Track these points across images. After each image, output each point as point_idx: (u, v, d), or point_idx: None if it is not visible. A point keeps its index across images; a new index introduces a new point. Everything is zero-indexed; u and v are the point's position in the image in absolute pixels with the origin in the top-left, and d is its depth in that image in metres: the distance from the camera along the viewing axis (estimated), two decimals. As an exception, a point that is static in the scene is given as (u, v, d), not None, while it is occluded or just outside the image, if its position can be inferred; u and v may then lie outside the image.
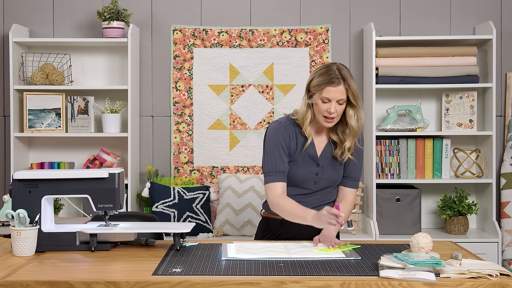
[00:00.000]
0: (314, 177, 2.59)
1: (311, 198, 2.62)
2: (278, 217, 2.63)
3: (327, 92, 2.45)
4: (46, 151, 4.19)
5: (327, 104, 2.47)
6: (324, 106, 2.47)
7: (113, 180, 2.33)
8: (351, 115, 2.51)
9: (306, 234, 2.55)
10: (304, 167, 2.58)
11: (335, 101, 2.46)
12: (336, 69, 2.48)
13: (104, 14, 3.92)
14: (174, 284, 1.88)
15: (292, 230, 2.60)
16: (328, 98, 2.46)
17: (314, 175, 2.58)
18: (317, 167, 2.59)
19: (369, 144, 3.98)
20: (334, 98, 2.46)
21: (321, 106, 2.48)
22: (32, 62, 4.04)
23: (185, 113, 4.19)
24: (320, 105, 2.48)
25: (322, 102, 2.47)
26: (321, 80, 2.47)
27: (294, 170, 2.57)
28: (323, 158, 2.60)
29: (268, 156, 2.57)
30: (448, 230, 3.97)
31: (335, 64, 2.51)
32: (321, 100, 2.47)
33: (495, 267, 1.97)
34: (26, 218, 2.25)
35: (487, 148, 4.00)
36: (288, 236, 2.61)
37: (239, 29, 4.17)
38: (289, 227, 2.61)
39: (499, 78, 4.13)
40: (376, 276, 1.93)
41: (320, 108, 2.49)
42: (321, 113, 2.49)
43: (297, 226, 2.56)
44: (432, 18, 4.18)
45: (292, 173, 2.57)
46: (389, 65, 3.94)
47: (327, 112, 2.47)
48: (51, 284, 1.89)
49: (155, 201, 3.91)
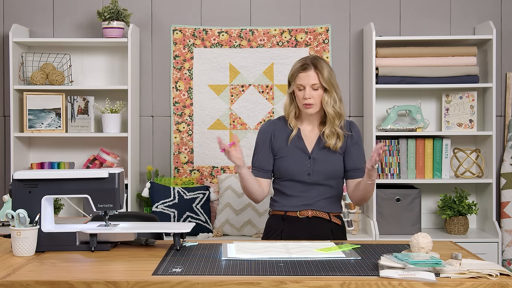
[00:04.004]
0: (307, 169, 2.66)
1: (312, 193, 2.68)
2: (280, 212, 2.71)
3: (299, 79, 2.63)
4: (46, 151, 4.19)
5: (302, 91, 2.63)
6: (300, 93, 2.64)
7: (113, 180, 2.33)
8: (326, 101, 2.64)
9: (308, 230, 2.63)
10: (295, 160, 2.67)
11: (309, 87, 2.61)
12: (309, 58, 2.66)
13: (104, 14, 3.92)
14: (174, 284, 1.88)
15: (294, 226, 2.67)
16: (301, 84, 2.63)
17: (306, 167, 2.66)
18: (309, 159, 2.67)
19: (369, 144, 3.98)
20: (307, 84, 2.61)
21: (298, 94, 2.65)
22: (32, 62, 4.04)
23: (185, 113, 4.19)
24: (297, 93, 2.65)
25: (299, 90, 2.64)
26: (294, 69, 2.66)
27: (285, 164, 2.69)
28: (315, 151, 2.68)
29: (254, 152, 2.78)
30: (448, 230, 3.97)
31: (311, 55, 2.72)
32: (297, 88, 2.65)
33: (495, 267, 1.97)
34: (26, 218, 2.25)
35: (487, 148, 4.00)
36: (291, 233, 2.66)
37: (239, 29, 4.17)
38: (291, 222, 2.68)
39: (499, 78, 4.13)
40: (376, 276, 1.93)
41: (298, 96, 2.66)
42: (300, 101, 2.65)
43: (298, 221, 2.67)
44: (432, 18, 4.18)
45: (283, 167, 2.69)
46: (389, 65, 3.94)
47: (304, 99, 2.62)
48: (51, 284, 1.89)
49: (155, 201, 3.91)
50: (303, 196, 2.67)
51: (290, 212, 2.69)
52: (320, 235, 2.63)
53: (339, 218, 2.75)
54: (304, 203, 2.68)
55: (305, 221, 2.68)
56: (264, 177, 2.74)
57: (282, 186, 2.72)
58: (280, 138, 2.71)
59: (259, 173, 2.74)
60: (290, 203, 2.69)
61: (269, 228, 2.77)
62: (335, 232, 2.71)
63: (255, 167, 2.75)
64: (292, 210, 2.69)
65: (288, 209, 2.70)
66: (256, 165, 2.75)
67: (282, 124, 2.74)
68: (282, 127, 2.74)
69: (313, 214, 2.68)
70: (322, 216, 2.69)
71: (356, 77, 4.19)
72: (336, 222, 2.73)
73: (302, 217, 2.68)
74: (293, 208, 2.69)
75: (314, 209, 2.68)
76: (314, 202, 2.68)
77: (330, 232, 2.69)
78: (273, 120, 2.79)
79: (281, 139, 2.71)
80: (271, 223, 2.76)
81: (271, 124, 2.76)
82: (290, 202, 2.69)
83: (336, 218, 2.74)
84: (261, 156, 2.73)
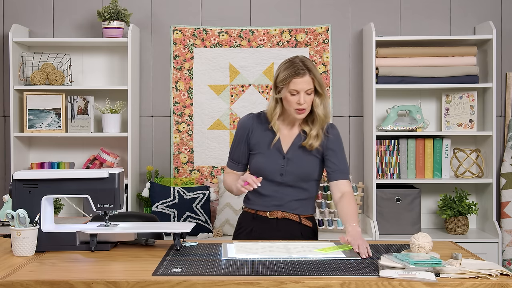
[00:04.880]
0: (280, 169, 2.64)
1: (284, 193, 2.66)
2: (251, 210, 2.71)
3: (294, 84, 2.54)
4: (46, 151, 4.19)
5: (296, 96, 2.55)
6: (293, 98, 2.56)
7: (113, 180, 2.33)
8: (317, 104, 2.60)
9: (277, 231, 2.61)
10: (270, 159, 2.65)
11: (303, 92, 2.55)
12: (299, 61, 2.57)
13: (104, 14, 3.92)
14: (174, 284, 1.88)
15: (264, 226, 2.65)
16: (296, 90, 2.54)
17: (279, 166, 2.64)
18: (283, 159, 2.64)
19: (369, 144, 3.98)
20: (302, 89, 2.54)
21: (291, 99, 2.56)
22: (32, 62, 4.04)
23: (185, 113, 4.19)
24: (290, 98, 2.56)
25: (291, 94, 2.56)
26: (287, 73, 2.55)
27: (260, 162, 2.66)
28: (291, 151, 2.65)
29: (232, 143, 2.76)
30: (448, 230, 3.97)
31: (297, 57, 2.61)
32: (289, 93, 2.56)
33: (495, 267, 1.97)
34: (26, 218, 2.25)
35: (487, 148, 4.00)
36: (260, 233, 2.64)
37: (239, 29, 4.17)
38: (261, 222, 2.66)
39: (499, 78, 4.13)
40: (376, 276, 1.93)
41: (290, 101, 2.57)
42: (292, 106, 2.57)
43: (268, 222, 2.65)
44: (432, 18, 4.18)
45: (258, 164, 2.66)
46: (389, 65, 3.94)
47: (297, 104, 2.55)
48: (51, 284, 1.89)
49: (155, 201, 3.91)
50: (274, 196, 2.65)
51: (261, 211, 2.68)
52: (289, 237, 2.61)
53: (310, 220, 2.72)
54: (275, 204, 2.66)
55: (274, 222, 2.66)
56: (239, 170, 2.74)
57: None
58: (256, 134, 2.67)
59: (235, 166, 2.74)
60: (262, 202, 2.66)
61: (240, 225, 2.76)
62: (305, 234, 2.68)
63: (232, 160, 2.75)
64: (262, 210, 2.67)
65: (259, 208, 2.68)
66: (233, 158, 2.75)
67: (262, 121, 2.69)
68: (261, 123, 2.69)
69: (283, 215, 2.65)
70: (292, 218, 2.66)
71: (356, 77, 4.19)
72: (307, 224, 2.70)
73: (272, 218, 2.66)
74: (264, 208, 2.67)
75: (285, 210, 2.66)
76: (285, 203, 2.65)
77: (300, 234, 2.67)
78: (254, 115, 2.73)
79: (257, 135, 2.67)
80: (242, 221, 2.76)
81: (251, 118, 2.71)
82: (262, 201, 2.66)
83: (307, 220, 2.70)
84: (237, 149, 2.72)
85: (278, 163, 2.64)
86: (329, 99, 2.68)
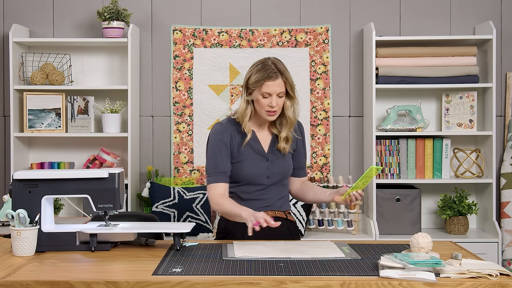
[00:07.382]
0: (266, 172, 2.65)
1: (269, 194, 2.67)
2: None
3: (266, 87, 2.54)
4: (46, 151, 4.19)
5: (268, 99, 2.56)
6: (265, 101, 2.56)
7: (113, 180, 2.33)
8: (288, 106, 2.62)
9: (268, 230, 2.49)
10: (254, 164, 2.63)
11: (275, 95, 2.55)
12: (272, 64, 2.57)
13: (104, 14, 3.92)
14: (174, 284, 1.88)
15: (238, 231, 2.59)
16: (268, 92, 2.55)
17: (265, 169, 2.65)
18: (266, 161, 2.65)
19: (369, 144, 3.98)
20: (274, 92, 2.55)
21: (263, 101, 2.57)
22: (32, 62, 4.04)
23: (185, 113, 4.19)
24: (261, 101, 2.57)
25: (263, 97, 2.56)
26: (259, 76, 2.55)
27: (244, 168, 2.63)
28: (270, 153, 2.67)
29: (209, 158, 2.63)
30: (448, 230, 3.97)
31: (269, 59, 2.61)
32: (261, 96, 2.56)
33: (495, 267, 1.97)
34: (26, 218, 2.25)
35: (487, 148, 4.00)
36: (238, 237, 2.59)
37: (239, 29, 4.17)
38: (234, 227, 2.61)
39: (499, 78, 4.13)
40: (376, 276, 1.93)
41: (261, 104, 2.57)
42: (263, 108, 2.58)
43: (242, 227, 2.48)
44: (432, 18, 4.18)
45: (243, 171, 2.63)
46: (389, 65, 3.94)
47: (269, 107, 2.56)
48: (51, 284, 1.89)
49: (155, 201, 3.91)
50: (260, 198, 2.64)
51: None
52: (279, 234, 2.59)
53: (292, 215, 2.79)
54: (263, 205, 2.65)
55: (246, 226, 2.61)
56: (225, 181, 2.62)
57: (239, 190, 2.66)
58: (235, 142, 2.63)
59: (224, 178, 2.60)
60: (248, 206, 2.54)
61: (225, 232, 2.68)
62: (291, 229, 2.72)
63: (219, 173, 2.60)
64: None
65: None
66: (220, 171, 2.60)
67: (236, 127, 2.65)
68: (236, 130, 2.64)
69: (273, 214, 2.66)
70: (281, 215, 2.69)
71: (356, 77, 4.19)
72: (291, 219, 2.75)
73: None
74: None
75: (273, 209, 2.67)
76: (272, 203, 2.67)
77: (288, 231, 2.68)
78: (226, 124, 2.65)
79: (238, 143, 2.63)
80: (227, 227, 2.67)
81: (227, 128, 2.64)
82: (248, 205, 2.55)
83: (290, 215, 2.76)
84: (221, 161, 2.60)
85: (263, 166, 2.64)
86: (298, 104, 2.68)
